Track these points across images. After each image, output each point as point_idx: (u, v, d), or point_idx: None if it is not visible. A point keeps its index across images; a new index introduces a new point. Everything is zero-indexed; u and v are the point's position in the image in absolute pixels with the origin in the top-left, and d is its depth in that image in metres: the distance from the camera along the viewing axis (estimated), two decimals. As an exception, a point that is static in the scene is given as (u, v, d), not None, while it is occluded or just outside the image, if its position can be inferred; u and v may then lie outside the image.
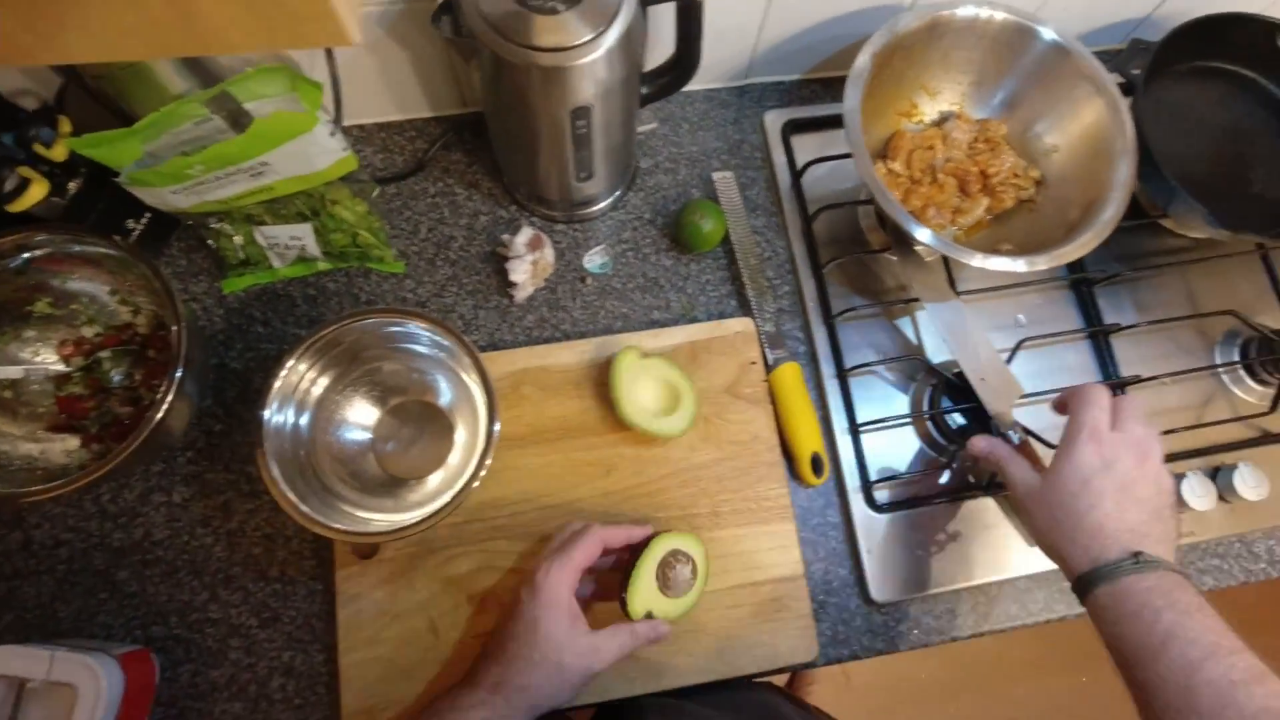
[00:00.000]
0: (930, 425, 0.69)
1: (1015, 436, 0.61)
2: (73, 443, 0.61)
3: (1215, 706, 0.40)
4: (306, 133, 0.52)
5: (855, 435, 0.68)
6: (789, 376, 0.67)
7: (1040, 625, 0.67)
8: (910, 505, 0.67)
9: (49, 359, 0.62)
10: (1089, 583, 0.48)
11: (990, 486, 0.67)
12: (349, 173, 0.61)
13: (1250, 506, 0.68)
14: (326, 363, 0.59)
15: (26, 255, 0.58)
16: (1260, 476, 0.67)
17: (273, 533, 0.64)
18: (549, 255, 0.69)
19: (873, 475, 0.67)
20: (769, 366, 0.68)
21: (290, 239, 0.64)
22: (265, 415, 0.54)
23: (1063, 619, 0.69)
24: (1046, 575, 0.67)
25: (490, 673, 0.50)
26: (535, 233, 0.69)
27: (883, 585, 0.65)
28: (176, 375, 0.54)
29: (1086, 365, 0.73)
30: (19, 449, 0.59)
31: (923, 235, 0.60)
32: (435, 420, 0.65)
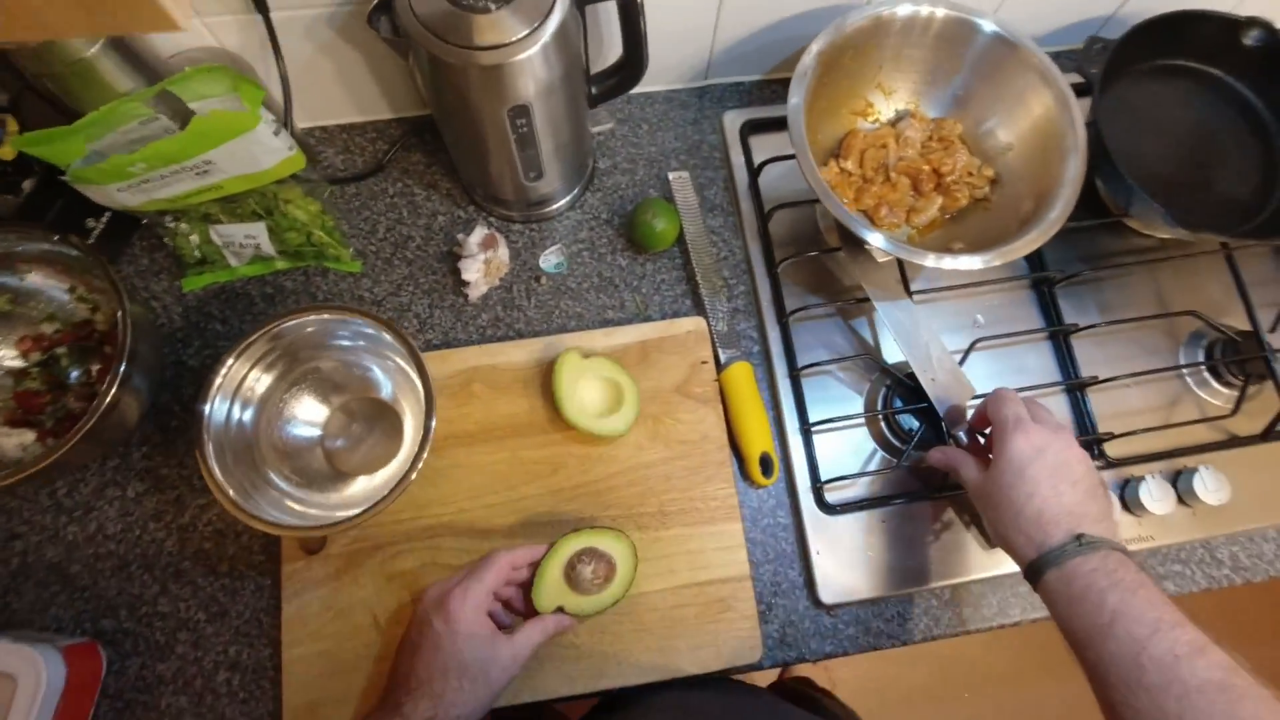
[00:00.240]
0: (884, 426, 0.68)
1: (964, 436, 0.61)
2: (28, 437, 0.63)
3: (1162, 682, 0.41)
4: (248, 132, 0.53)
5: (807, 435, 0.68)
6: (740, 376, 0.67)
7: (1008, 630, 0.66)
8: (861, 507, 0.66)
9: (7, 355, 0.64)
10: (1038, 569, 0.49)
11: (942, 489, 0.67)
12: (300, 172, 0.62)
13: (1212, 511, 0.67)
14: (269, 361, 0.59)
15: (-20, 252, 0.59)
16: (1221, 480, 0.66)
17: (224, 528, 0.65)
18: (503, 254, 0.70)
19: (824, 476, 0.66)
20: (721, 366, 0.68)
21: (245, 238, 0.65)
22: (205, 410, 0.55)
23: (1017, 624, 0.68)
24: (1000, 579, 0.66)
25: (420, 708, 0.50)
26: (489, 232, 0.70)
27: (832, 587, 0.65)
28: (120, 369, 0.55)
29: (1046, 366, 0.72)
30: (-26, 443, 0.60)
31: (874, 238, 0.60)
32: (385, 418, 0.66)
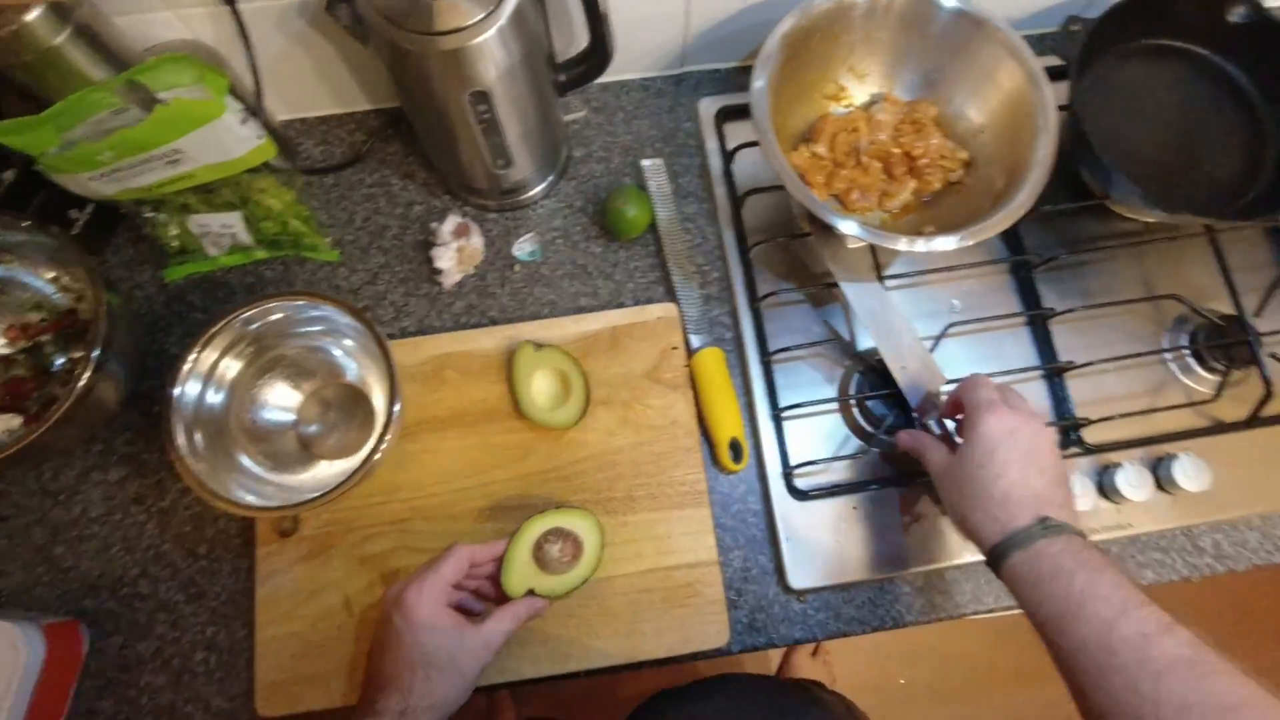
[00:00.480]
0: (855, 412, 0.68)
1: (935, 425, 0.60)
2: (15, 421, 0.64)
3: (1133, 662, 0.41)
4: (215, 120, 0.55)
5: (778, 421, 0.67)
6: (711, 361, 0.67)
7: (1011, 627, 0.65)
8: (832, 493, 0.66)
9: (-5, 342, 0.66)
10: (1003, 552, 0.49)
11: (914, 475, 0.66)
12: (274, 162, 0.63)
13: (1193, 498, 0.66)
14: (238, 349, 0.60)
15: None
16: (1201, 467, 0.65)
17: (202, 512, 0.66)
18: (477, 242, 0.71)
19: (794, 462, 0.66)
20: (692, 351, 0.68)
21: (222, 227, 0.66)
22: (175, 393, 0.56)
23: (990, 611, 0.67)
24: (973, 567, 0.66)
25: (391, 703, 0.50)
26: (462, 221, 0.70)
27: (802, 573, 0.64)
28: (94, 355, 0.56)
29: (1024, 352, 0.71)
30: (-39, 427, 0.62)
31: (844, 225, 0.59)
32: (359, 404, 0.67)
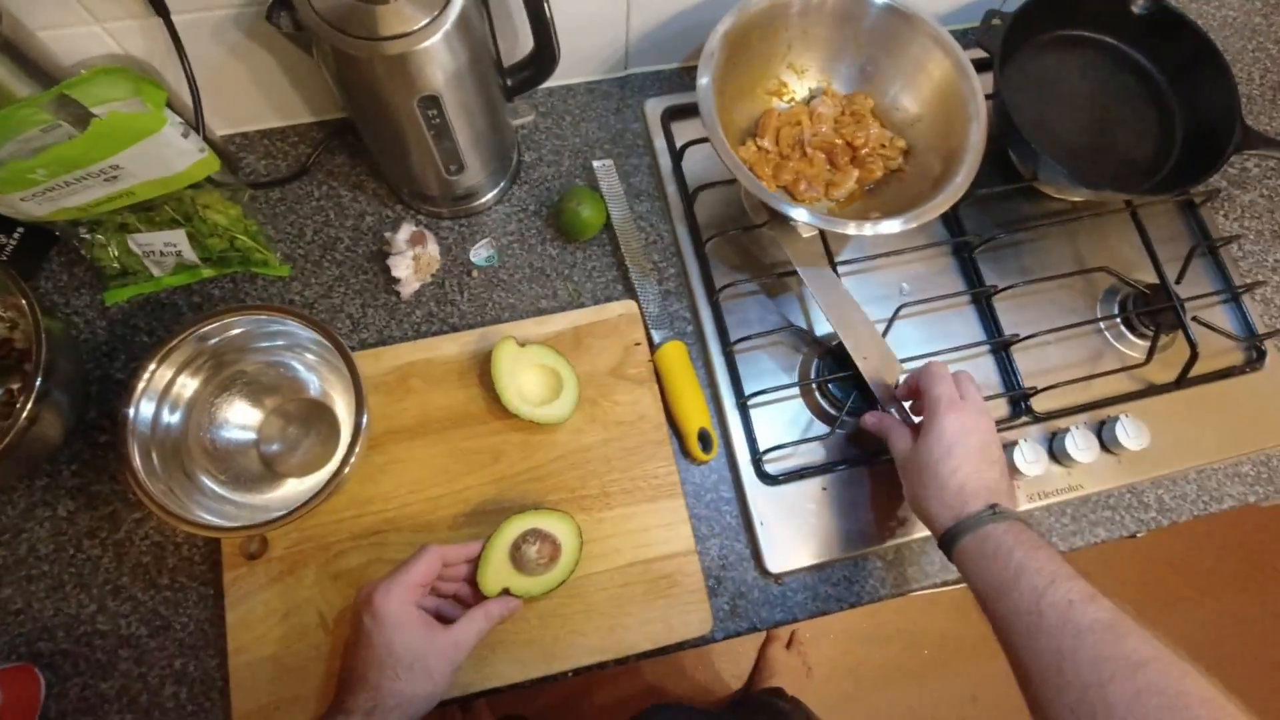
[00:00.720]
0: (817, 395, 0.70)
1: (894, 412, 0.63)
2: (-51, 461, 0.61)
3: (1057, 624, 0.46)
4: (155, 134, 0.53)
5: (744, 409, 0.69)
6: (673, 355, 0.68)
7: (973, 601, 0.68)
8: (802, 476, 0.68)
9: (-77, 378, 0.62)
10: (955, 535, 0.53)
11: (878, 454, 0.68)
12: (217, 176, 0.62)
13: (1135, 457, 0.70)
14: (196, 365, 0.59)
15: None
16: (1141, 427, 0.69)
17: (162, 540, 0.64)
18: (432, 250, 0.70)
19: (763, 448, 0.68)
20: (654, 346, 0.69)
21: (165, 245, 0.64)
22: (129, 414, 0.54)
23: (959, 581, 0.69)
24: (939, 536, 0.68)
25: (359, 701, 0.50)
26: (417, 229, 0.70)
27: (778, 556, 0.66)
28: (36, 384, 0.54)
29: (971, 328, 0.74)
30: (-111, 469, 0.59)
31: (795, 212, 0.61)
32: (322, 418, 0.65)
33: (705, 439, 0.67)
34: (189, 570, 0.63)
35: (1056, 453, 0.70)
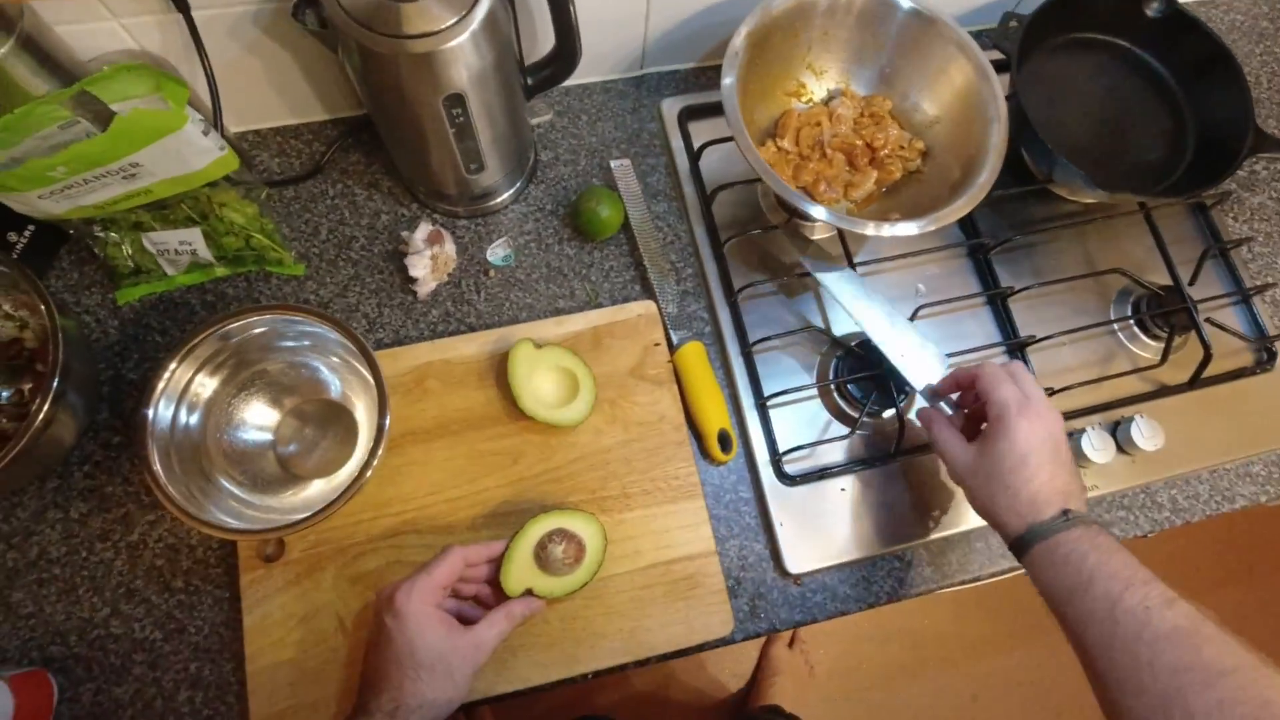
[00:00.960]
0: (836, 395, 0.70)
1: (948, 407, 0.61)
2: (-41, 462, 0.60)
3: (1134, 630, 0.44)
4: (176, 132, 0.52)
5: (763, 410, 0.69)
6: (692, 355, 0.68)
7: (976, 601, 0.68)
8: (820, 477, 0.68)
9: (-69, 378, 0.61)
10: (1027, 542, 0.52)
11: (897, 454, 0.68)
12: (234, 174, 0.61)
13: (1149, 457, 0.70)
14: (216, 364, 0.58)
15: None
16: (1155, 428, 0.69)
17: (176, 543, 0.63)
18: (450, 250, 0.70)
19: (782, 448, 0.68)
20: (673, 347, 0.69)
21: (180, 244, 0.63)
22: (149, 414, 0.53)
23: (976, 579, 0.70)
24: (956, 539, 0.69)
25: (381, 701, 0.50)
26: (434, 228, 0.69)
27: (797, 557, 0.66)
28: (53, 385, 0.53)
29: (987, 330, 0.75)
30: (-101, 471, 0.58)
31: (815, 211, 0.61)
32: (338, 420, 0.65)
33: (725, 440, 0.67)
34: (204, 573, 0.62)
35: (1073, 453, 0.70)
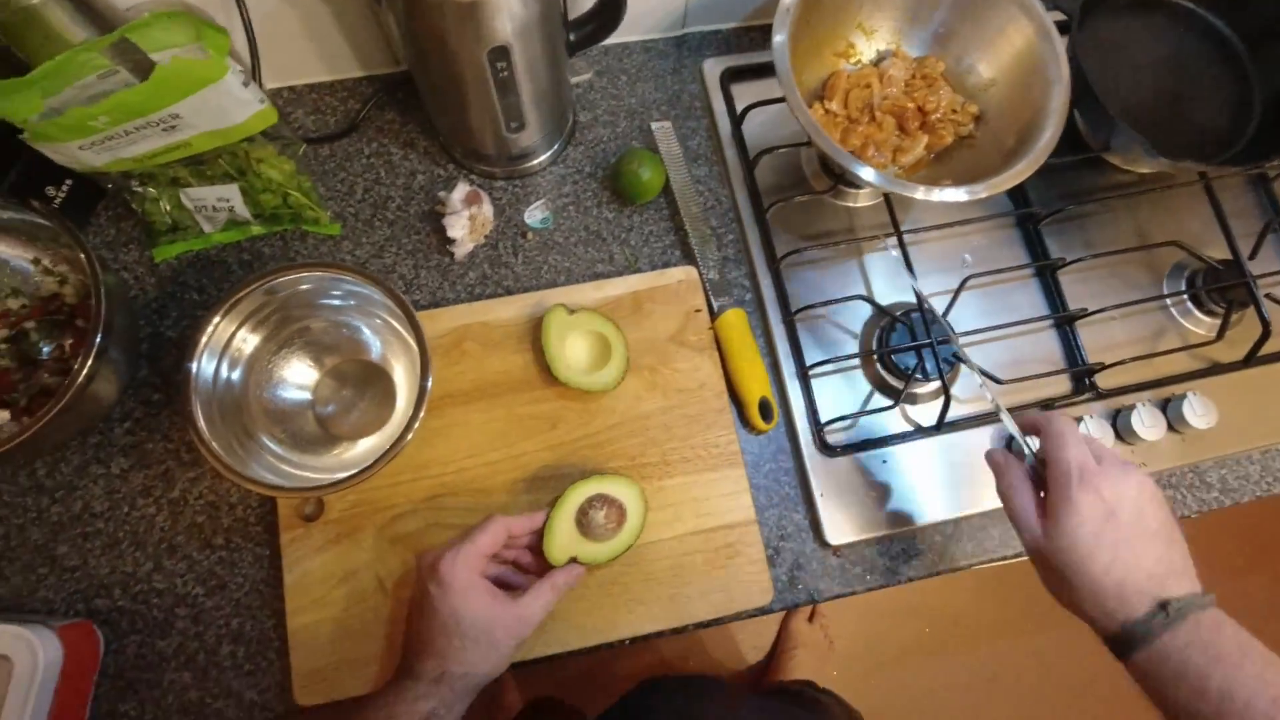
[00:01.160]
0: (879, 366, 0.68)
1: (1029, 457, 0.53)
2: (3, 416, 0.60)
3: None
4: (216, 82, 0.51)
5: (804, 379, 0.67)
6: (734, 322, 0.67)
7: (995, 581, 0.67)
8: (862, 448, 0.67)
9: (-27, 333, 0.61)
10: (1124, 645, 0.45)
11: (940, 427, 0.67)
12: (272, 129, 0.60)
13: (1200, 435, 0.69)
14: (260, 319, 0.58)
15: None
16: (1208, 405, 0.67)
17: (216, 500, 0.63)
18: (487, 211, 0.68)
19: (823, 419, 0.66)
20: (714, 313, 0.68)
21: (218, 200, 0.63)
22: (192, 368, 0.53)
23: (1018, 555, 0.69)
24: (998, 514, 0.67)
25: (427, 667, 0.50)
26: (472, 189, 0.68)
27: (837, 528, 0.65)
28: (96, 341, 0.53)
29: (1035, 302, 0.73)
30: (-55, 424, 0.58)
31: (865, 172, 0.59)
32: (377, 381, 0.64)
33: (766, 408, 0.66)
34: (244, 531, 0.63)
35: (1121, 430, 0.68)
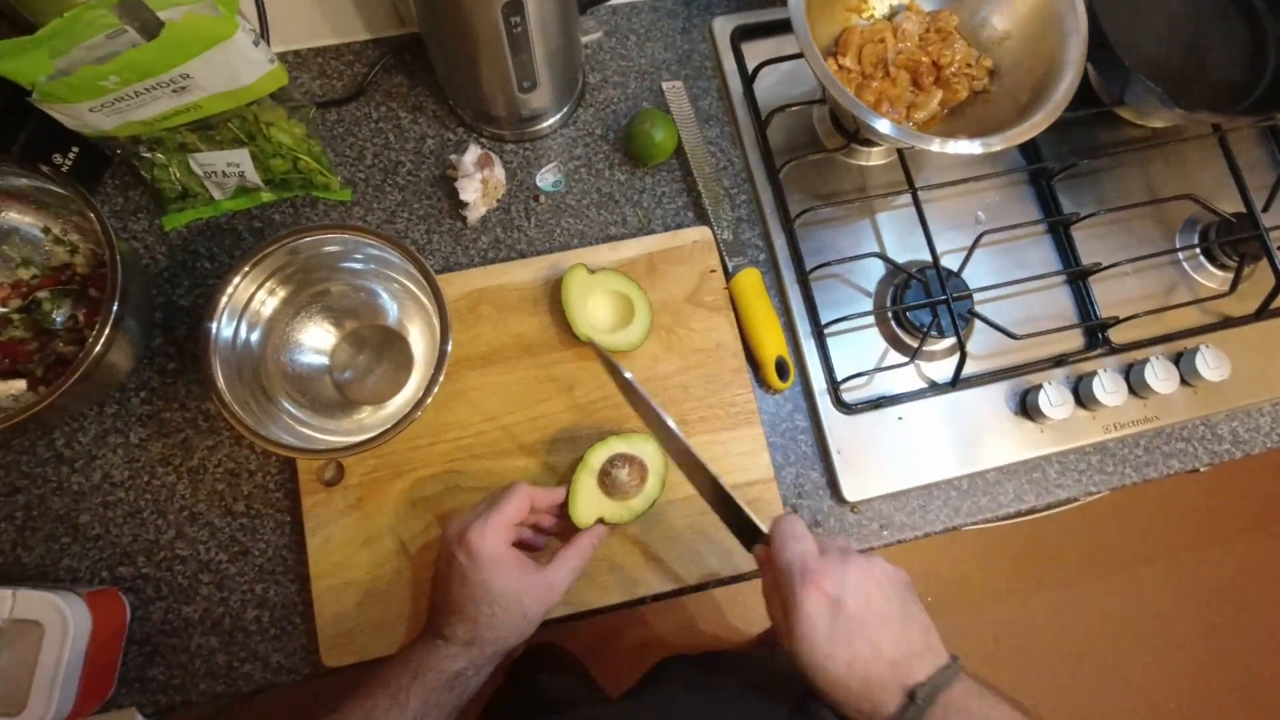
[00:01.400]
0: (894, 323, 0.69)
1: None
2: (19, 386, 0.60)
3: None
4: (227, 40, 0.50)
5: (820, 338, 0.68)
6: (749, 282, 0.66)
7: (1000, 546, 0.67)
8: (878, 405, 0.67)
9: (-15, 303, 0.61)
10: None
11: (956, 383, 0.67)
12: (281, 91, 0.59)
13: (1213, 388, 0.69)
14: (276, 281, 0.57)
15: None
16: (1221, 358, 0.68)
17: (235, 468, 0.63)
18: (499, 174, 0.68)
19: (839, 376, 0.67)
20: (729, 274, 0.67)
21: (228, 166, 0.62)
22: (211, 328, 0.53)
23: (1033, 511, 0.70)
24: (1014, 467, 0.68)
25: (458, 632, 0.51)
26: (484, 151, 0.67)
27: (854, 485, 0.65)
28: (112, 309, 0.52)
29: (1048, 258, 0.73)
30: (-38, 394, 0.58)
31: (880, 124, 0.59)
32: (393, 347, 0.64)
33: (782, 367, 0.66)
34: (264, 498, 0.63)
35: (1134, 384, 0.69)
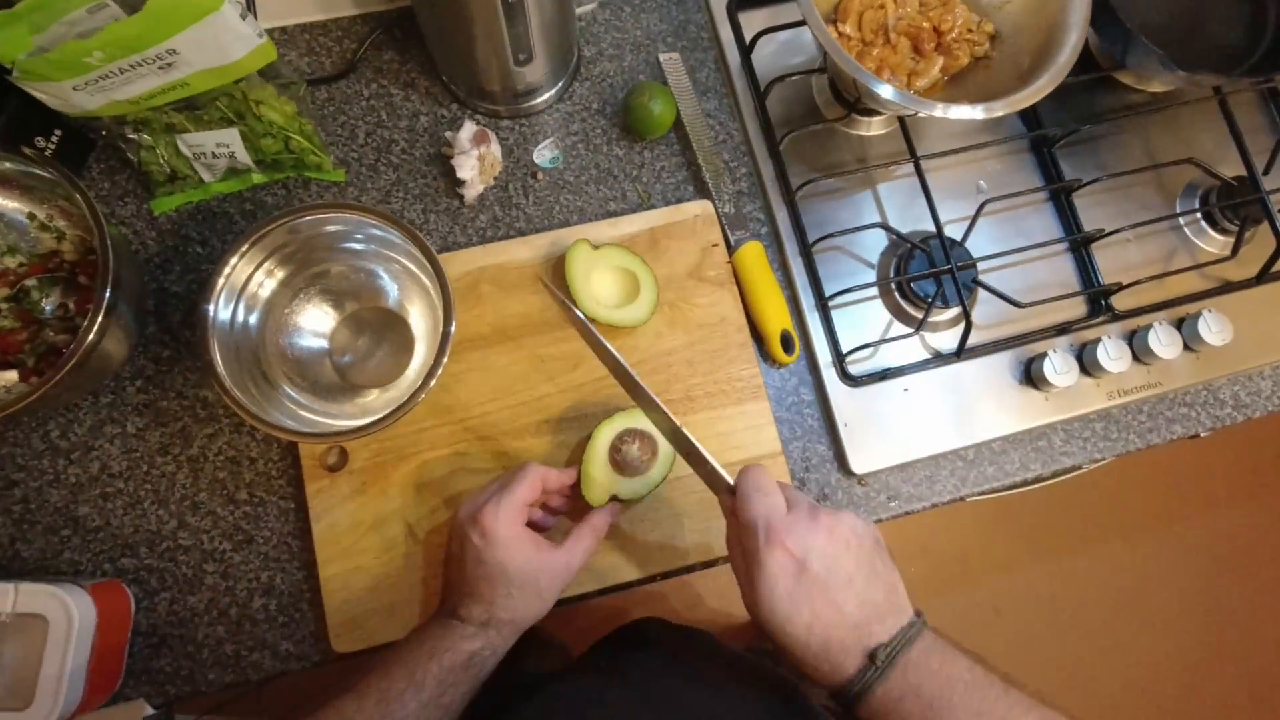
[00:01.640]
0: (898, 294, 0.68)
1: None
2: (11, 377, 0.59)
3: None
4: (213, 13, 0.49)
5: (824, 310, 0.67)
6: (752, 256, 0.66)
7: (999, 521, 0.68)
8: (883, 378, 0.66)
9: (-29, 293, 0.59)
10: (846, 701, 0.43)
11: (961, 353, 0.67)
12: (270, 68, 0.57)
13: (1216, 353, 0.69)
14: (275, 262, 0.56)
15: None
16: (1224, 322, 0.68)
17: (236, 455, 0.62)
18: (495, 151, 0.66)
19: (844, 349, 0.66)
20: (731, 248, 0.67)
21: (217, 146, 0.60)
22: (209, 310, 0.51)
23: (1039, 480, 0.70)
24: (1020, 436, 0.68)
25: (474, 612, 0.51)
26: (480, 128, 0.66)
27: (862, 457, 0.65)
28: (105, 296, 0.51)
29: (1049, 226, 0.72)
30: (-48, 387, 0.56)
31: (883, 90, 0.58)
32: (394, 330, 0.63)
33: (787, 341, 0.65)
34: (267, 485, 0.62)
35: (1138, 350, 0.69)
